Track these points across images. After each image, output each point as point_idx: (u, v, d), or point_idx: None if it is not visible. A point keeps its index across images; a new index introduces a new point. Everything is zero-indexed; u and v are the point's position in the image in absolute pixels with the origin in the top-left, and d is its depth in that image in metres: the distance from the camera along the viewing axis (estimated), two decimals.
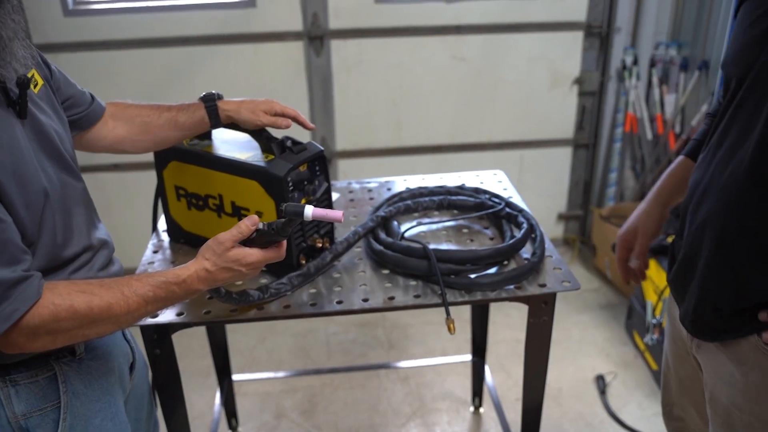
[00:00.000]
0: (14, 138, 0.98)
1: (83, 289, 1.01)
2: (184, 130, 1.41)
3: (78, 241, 1.13)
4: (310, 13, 2.99)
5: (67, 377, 1.14)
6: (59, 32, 2.96)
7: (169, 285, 1.08)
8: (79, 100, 1.30)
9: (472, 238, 1.62)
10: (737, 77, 1.07)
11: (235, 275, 1.13)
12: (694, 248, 1.15)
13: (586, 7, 3.08)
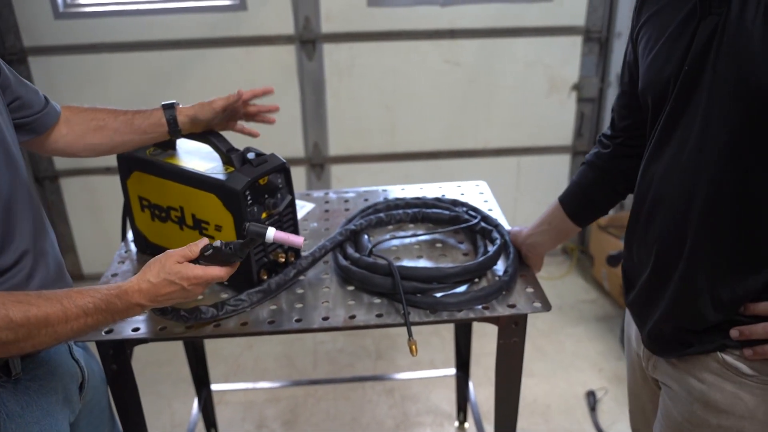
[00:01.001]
0: None
1: (20, 299, 0.97)
2: (140, 133, 1.37)
3: (17, 246, 1.09)
4: (302, 17, 2.94)
5: (2, 399, 1.08)
6: (49, 35, 2.94)
7: (109, 297, 1.04)
8: (30, 102, 1.25)
9: (445, 254, 1.56)
10: (657, 98, 1.06)
11: (177, 291, 1.09)
12: (653, 267, 1.12)
13: (585, 12, 3.01)
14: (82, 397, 1.29)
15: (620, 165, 1.30)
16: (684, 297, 1.07)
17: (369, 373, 2.70)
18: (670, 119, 1.03)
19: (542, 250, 1.50)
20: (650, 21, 1.08)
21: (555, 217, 1.43)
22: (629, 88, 1.22)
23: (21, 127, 1.23)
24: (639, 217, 1.15)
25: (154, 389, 2.61)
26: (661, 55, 1.04)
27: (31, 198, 1.15)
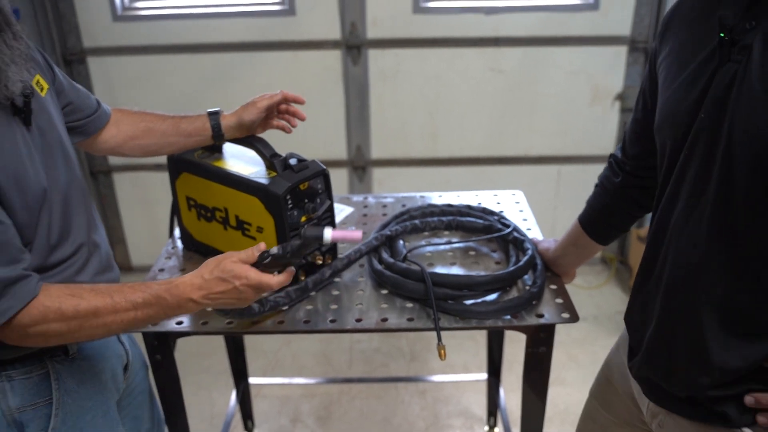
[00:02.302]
0: (16, 145, 1.04)
1: (73, 292, 1.05)
2: (185, 136, 1.45)
3: (74, 239, 1.18)
4: (348, 23, 3.01)
5: (60, 375, 1.19)
6: (108, 37, 3.07)
7: (159, 291, 1.09)
8: (82, 106, 1.34)
9: (478, 262, 1.60)
10: (672, 142, 1.02)
11: (230, 290, 1.11)
12: (661, 321, 1.09)
13: (631, 22, 3.00)
14: (126, 378, 1.39)
15: (630, 194, 1.31)
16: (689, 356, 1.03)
17: (402, 373, 2.75)
18: (684, 168, 0.99)
19: (571, 268, 1.52)
20: (672, 53, 1.04)
21: (578, 237, 1.44)
22: (642, 116, 1.19)
23: (73, 129, 1.33)
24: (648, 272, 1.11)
25: (196, 380, 2.71)
26: (678, 96, 1.00)
27: (85, 195, 1.25)
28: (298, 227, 1.43)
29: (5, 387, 1.14)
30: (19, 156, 1.04)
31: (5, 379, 1.14)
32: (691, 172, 0.98)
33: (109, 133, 1.42)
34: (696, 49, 0.99)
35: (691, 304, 1.01)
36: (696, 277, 0.99)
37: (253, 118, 1.47)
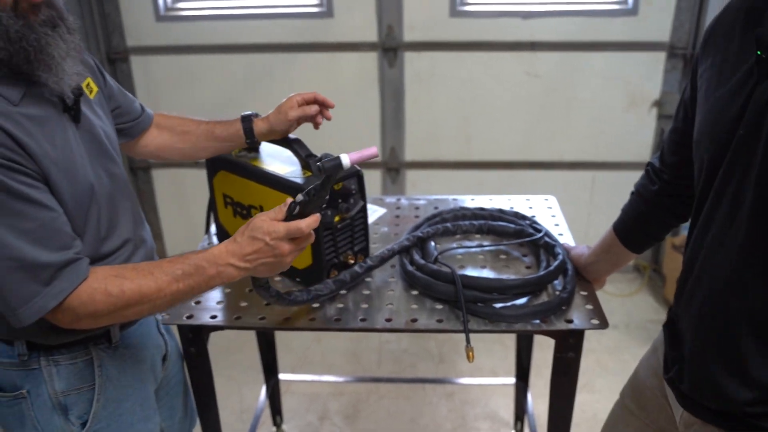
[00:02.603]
0: (67, 140, 1.09)
1: (117, 273, 1.09)
2: (220, 141, 1.49)
3: (120, 234, 1.24)
4: (386, 25, 3.04)
5: (103, 362, 1.25)
6: (150, 36, 3.15)
7: (198, 261, 1.10)
8: (128, 110, 1.40)
9: (509, 265, 1.61)
10: (710, 157, 1.02)
11: (262, 247, 1.10)
12: (693, 334, 1.08)
13: (670, 28, 2.96)
14: (164, 368, 1.44)
15: (666, 202, 1.30)
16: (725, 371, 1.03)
17: (431, 375, 2.76)
18: (723, 183, 0.99)
19: (603, 276, 1.52)
20: (712, 66, 1.04)
21: (612, 244, 1.44)
22: (682, 125, 1.19)
23: (119, 132, 1.38)
24: (685, 285, 1.11)
25: (227, 373, 2.77)
26: (717, 111, 1.00)
27: (130, 192, 1.29)
28: (332, 226, 1.46)
29: (52, 371, 1.20)
30: (70, 151, 1.09)
31: (52, 363, 1.20)
32: (730, 187, 0.97)
33: (150, 137, 1.48)
34: (735, 65, 0.98)
35: (729, 318, 1.01)
36: (733, 291, 0.99)
37: (284, 128, 1.49)
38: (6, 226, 0.97)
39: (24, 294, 1.00)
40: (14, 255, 0.98)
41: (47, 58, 1.02)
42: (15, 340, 1.17)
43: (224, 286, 1.56)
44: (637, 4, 2.92)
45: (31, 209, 1.00)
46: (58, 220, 1.04)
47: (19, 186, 0.98)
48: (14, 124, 0.99)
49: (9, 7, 0.98)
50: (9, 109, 1.00)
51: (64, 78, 1.06)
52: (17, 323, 1.02)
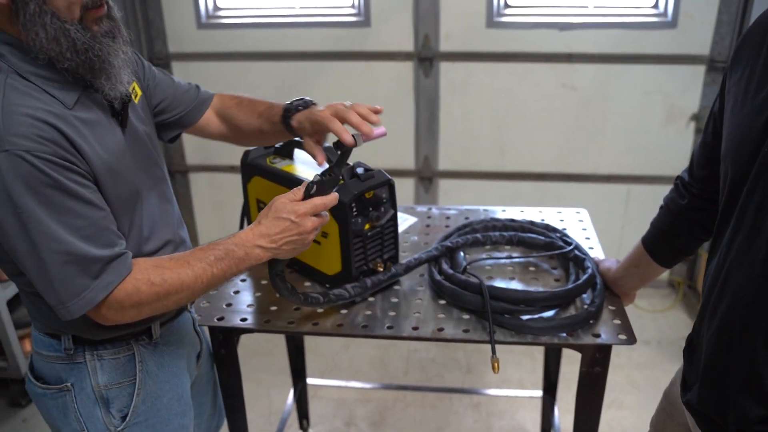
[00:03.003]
0: (115, 143, 1.15)
1: (157, 263, 1.14)
2: (270, 136, 1.51)
3: (162, 235, 1.28)
4: (422, 35, 3.06)
5: (143, 358, 1.30)
6: (191, 43, 3.23)
7: (227, 246, 1.17)
8: (180, 100, 1.43)
9: (537, 278, 1.61)
10: (734, 172, 1.01)
11: (288, 226, 1.17)
12: (713, 350, 1.07)
13: (711, 41, 2.92)
14: (198, 366, 1.48)
15: (696, 216, 1.29)
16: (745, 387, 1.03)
17: (458, 385, 2.76)
18: (747, 199, 0.98)
19: (632, 290, 1.51)
20: (741, 80, 1.03)
21: (641, 259, 1.43)
22: (712, 139, 1.18)
23: (174, 123, 1.42)
24: (708, 300, 1.10)
25: (256, 376, 2.80)
26: (744, 125, 0.99)
27: (171, 194, 1.34)
28: (362, 234, 1.48)
29: (96, 365, 1.25)
30: (118, 154, 1.15)
31: (96, 358, 1.25)
32: (753, 203, 0.97)
33: (214, 124, 1.50)
34: (762, 80, 0.98)
35: (747, 333, 1.00)
36: (752, 308, 0.98)
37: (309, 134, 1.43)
38: (59, 222, 1.02)
39: (74, 287, 1.05)
40: (67, 249, 1.03)
41: (108, 67, 1.08)
42: (62, 335, 1.23)
43: (255, 290, 1.59)
44: (676, 17, 2.89)
45: (83, 207, 1.05)
46: (106, 219, 1.09)
47: (72, 185, 1.03)
48: (69, 126, 1.04)
49: (77, 20, 1.04)
50: (65, 112, 1.05)
51: (117, 86, 1.11)
52: (67, 315, 1.07)
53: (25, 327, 2.60)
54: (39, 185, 0.99)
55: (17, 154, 0.97)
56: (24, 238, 1.01)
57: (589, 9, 3.01)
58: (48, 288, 1.05)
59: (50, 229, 1.01)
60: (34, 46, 1.02)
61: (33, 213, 1.00)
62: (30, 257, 1.03)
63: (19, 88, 1.02)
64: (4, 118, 0.98)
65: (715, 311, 1.05)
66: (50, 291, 1.05)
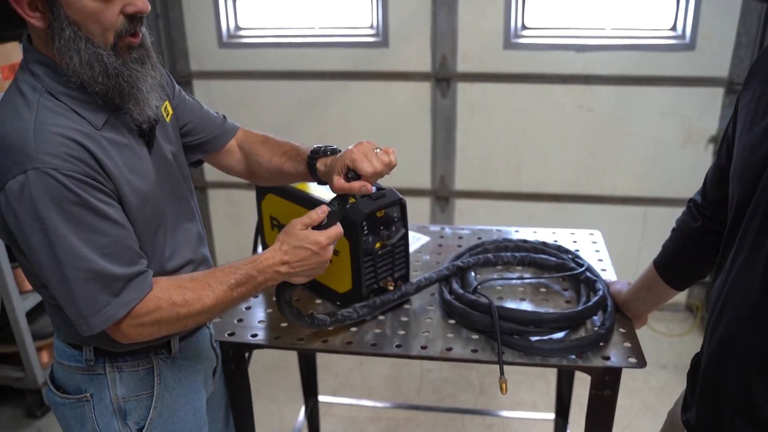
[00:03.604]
0: (141, 164, 1.18)
1: (178, 283, 1.17)
2: (289, 177, 1.47)
3: (184, 254, 1.30)
4: (439, 56, 3.08)
5: (162, 371, 1.31)
6: (213, 61, 3.28)
7: (249, 271, 1.19)
8: (205, 125, 1.44)
9: (548, 299, 1.60)
10: (739, 193, 1.01)
11: (309, 255, 1.20)
12: (711, 368, 1.07)
13: (729, 63, 2.91)
14: (214, 382, 1.49)
15: (709, 239, 1.28)
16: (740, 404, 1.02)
17: (470, 406, 2.74)
18: (750, 220, 0.99)
19: (643, 313, 1.50)
20: (751, 102, 1.04)
21: (653, 282, 1.42)
22: (725, 161, 1.18)
23: (195, 147, 1.44)
24: (710, 320, 1.10)
25: (268, 393, 2.81)
26: (751, 147, 1.00)
27: (195, 213, 1.36)
28: (373, 252, 1.49)
29: (115, 377, 1.27)
30: (143, 175, 1.17)
31: (116, 369, 1.27)
32: (754, 225, 0.97)
33: (235, 157, 1.50)
34: None
35: (741, 355, 1.00)
36: (747, 330, 0.98)
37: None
38: (83, 239, 1.05)
39: (96, 303, 1.07)
40: (90, 267, 1.05)
41: (137, 92, 1.11)
42: (84, 346, 1.25)
43: (266, 306, 1.61)
44: (694, 39, 2.89)
45: (107, 225, 1.07)
46: (128, 237, 1.12)
47: (98, 203, 1.06)
48: (97, 146, 1.08)
49: (110, 47, 1.07)
50: (93, 132, 1.09)
51: (145, 110, 1.14)
52: (87, 331, 1.09)
53: (44, 338, 2.64)
54: (65, 202, 1.02)
55: (46, 171, 1.00)
56: (48, 254, 1.04)
57: (607, 31, 3.02)
58: (70, 303, 1.08)
59: (74, 245, 1.04)
60: (68, 69, 1.06)
61: (58, 229, 1.03)
62: (53, 272, 1.05)
63: (51, 108, 1.06)
64: (35, 137, 1.02)
65: (715, 331, 1.05)
66: (72, 306, 1.08)
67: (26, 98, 1.06)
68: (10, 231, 1.06)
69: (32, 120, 1.03)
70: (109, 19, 1.05)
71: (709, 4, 2.83)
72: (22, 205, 1.01)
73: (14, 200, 1.01)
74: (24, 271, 1.19)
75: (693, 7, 2.86)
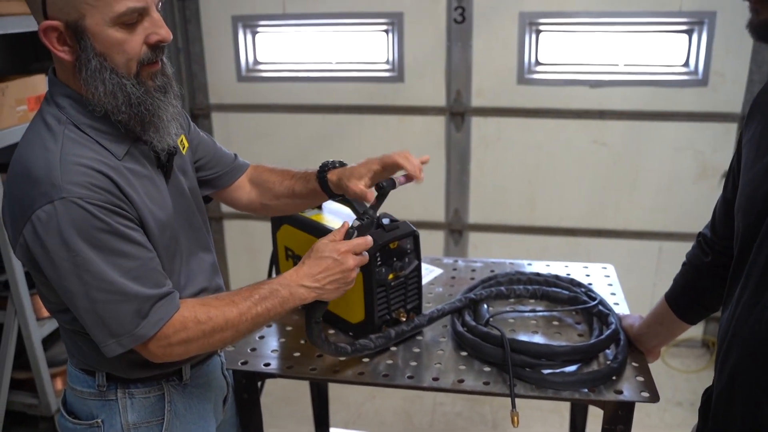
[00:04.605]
0: (159, 194, 1.21)
1: (203, 302, 1.19)
2: (301, 198, 1.49)
3: (198, 283, 1.33)
4: (454, 91, 3.13)
5: (173, 398, 1.32)
6: (231, 94, 3.35)
7: (272, 285, 1.21)
8: (217, 161, 1.48)
9: (561, 332, 1.60)
10: (744, 227, 1.02)
11: (331, 264, 1.22)
12: (722, 403, 1.07)
13: (743, 99, 2.93)
14: (224, 410, 1.50)
15: (720, 273, 1.27)
16: None
17: None
18: (757, 254, 0.99)
19: (656, 348, 1.50)
20: (754, 137, 1.05)
21: (665, 316, 1.42)
22: (732, 195, 1.18)
23: (207, 182, 1.47)
24: (719, 354, 1.10)
25: (280, 424, 2.80)
26: (755, 182, 1.01)
27: (209, 244, 1.38)
28: (385, 284, 1.50)
29: (126, 403, 1.28)
30: (162, 204, 1.21)
31: (128, 396, 1.28)
32: (761, 260, 0.98)
33: (245, 191, 1.53)
34: None
35: (751, 390, 0.99)
36: (757, 364, 0.98)
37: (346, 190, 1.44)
38: (111, 263, 1.07)
39: (126, 324, 1.10)
40: (118, 289, 1.08)
41: (158, 120, 1.15)
42: (97, 371, 1.27)
43: (279, 336, 1.62)
44: (707, 75, 2.91)
45: (133, 248, 1.11)
46: (153, 260, 1.15)
47: (123, 228, 1.09)
48: (119, 176, 1.11)
49: (133, 75, 1.11)
50: (116, 162, 1.13)
51: (165, 138, 1.18)
52: (117, 349, 1.11)
53: (58, 365, 2.66)
54: (92, 229, 1.05)
55: (73, 200, 1.04)
56: (77, 280, 1.07)
57: (620, 67, 3.05)
58: (99, 326, 1.10)
59: (102, 270, 1.07)
60: (93, 99, 1.10)
61: (86, 255, 1.05)
62: (82, 298, 1.08)
63: (75, 139, 1.10)
64: (61, 168, 1.05)
65: (724, 366, 1.05)
66: (101, 328, 1.10)
67: (52, 130, 1.10)
68: (35, 260, 1.09)
69: (58, 151, 1.07)
70: (133, 48, 1.09)
71: (721, 42, 2.86)
72: (50, 233, 1.04)
73: (42, 230, 1.04)
74: (41, 297, 1.22)
75: (705, 44, 2.89)
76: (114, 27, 1.06)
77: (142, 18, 1.09)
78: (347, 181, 1.39)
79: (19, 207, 1.07)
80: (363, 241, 1.26)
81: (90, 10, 1.04)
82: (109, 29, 1.06)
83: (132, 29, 1.08)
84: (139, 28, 1.09)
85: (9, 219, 1.11)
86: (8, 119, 2.22)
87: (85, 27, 1.05)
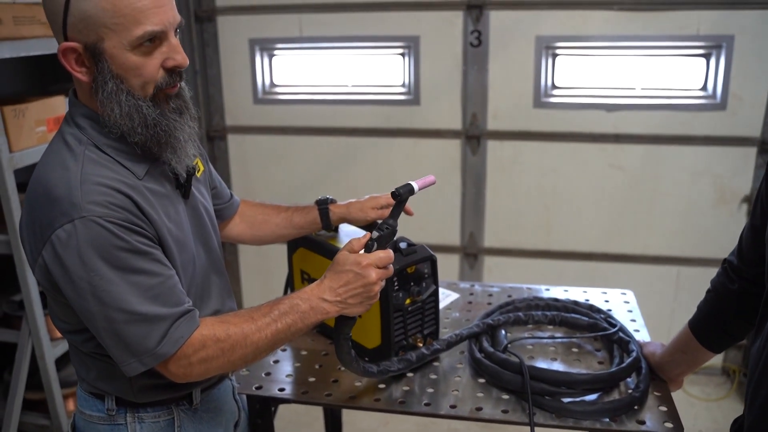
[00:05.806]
0: (178, 213, 1.22)
1: (222, 319, 1.18)
2: (297, 228, 1.60)
3: (210, 305, 1.32)
4: (470, 114, 3.12)
5: (183, 423, 1.31)
6: (247, 117, 3.37)
7: (292, 300, 1.19)
8: (220, 194, 1.53)
9: (580, 359, 1.58)
10: None
11: (352, 277, 1.19)
12: None
13: (762, 123, 2.90)
14: None
15: (747, 300, 1.25)
16: None
17: None
18: None
19: (679, 376, 1.46)
20: None
21: (688, 344, 1.39)
22: (760, 222, 1.17)
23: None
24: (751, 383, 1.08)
25: None
26: None
27: (222, 266, 1.38)
28: (402, 309, 1.49)
29: (135, 427, 1.26)
30: (180, 223, 1.21)
31: (137, 420, 1.26)
32: None
33: (234, 222, 1.60)
34: None
35: None
36: None
37: (359, 221, 1.59)
38: (131, 282, 1.07)
39: (146, 343, 1.09)
40: (138, 309, 1.07)
41: (174, 141, 1.15)
42: (106, 395, 1.25)
43: (294, 360, 1.60)
44: (725, 99, 2.89)
45: (153, 266, 1.10)
46: (173, 278, 1.14)
47: (143, 246, 1.09)
48: (139, 195, 1.12)
49: (149, 97, 1.12)
50: (136, 182, 1.13)
51: (183, 159, 1.18)
52: (138, 368, 1.10)
53: (71, 386, 2.65)
54: (112, 248, 1.05)
55: (92, 219, 1.04)
56: (96, 300, 1.06)
57: (637, 91, 3.04)
58: (119, 345, 1.09)
59: (122, 289, 1.06)
60: (109, 121, 1.10)
61: (105, 274, 1.05)
62: (102, 317, 1.07)
63: (95, 160, 1.10)
64: (81, 187, 1.05)
65: (756, 397, 1.02)
66: (120, 348, 1.09)
67: (72, 150, 1.11)
68: (54, 280, 1.08)
69: (78, 171, 1.07)
70: (150, 72, 1.10)
71: (739, 65, 2.84)
72: (70, 252, 1.04)
73: (61, 249, 1.04)
74: (53, 317, 1.21)
75: (723, 67, 2.87)
76: (132, 51, 1.07)
77: (160, 42, 1.09)
78: (358, 213, 1.51)
79: (38, 227, 1.07)
80: (386, 254, 1.22)
81: (109, 34, 1.05)
82: (127, 53, 1.07)
83: (149, 53, 1.09)
84: (157, 53, 1.10)
85: (28, 239, 1.11)
86: (27, 140, 2.24)
87: (103, 49, 1.06)
